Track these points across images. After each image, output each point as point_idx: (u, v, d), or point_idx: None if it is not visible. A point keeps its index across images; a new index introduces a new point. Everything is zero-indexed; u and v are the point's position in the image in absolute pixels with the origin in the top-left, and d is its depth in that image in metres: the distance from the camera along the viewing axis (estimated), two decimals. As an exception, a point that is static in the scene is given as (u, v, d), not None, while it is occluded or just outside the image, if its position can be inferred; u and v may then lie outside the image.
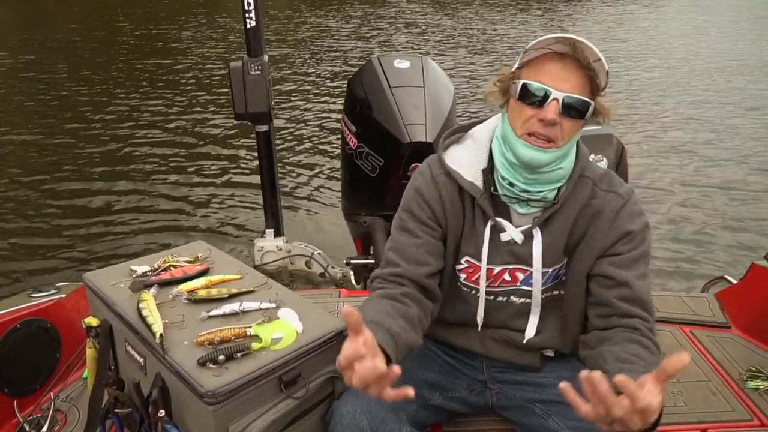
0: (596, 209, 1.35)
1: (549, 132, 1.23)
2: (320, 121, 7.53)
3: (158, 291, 1.47)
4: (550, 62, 1.23)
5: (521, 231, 1.35)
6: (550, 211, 1.33)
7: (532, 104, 1.24)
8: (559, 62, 1.22)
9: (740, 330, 2.19)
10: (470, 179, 1.36)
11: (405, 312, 1.28)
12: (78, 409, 1.77)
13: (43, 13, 17.69)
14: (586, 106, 1.24)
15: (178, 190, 5.49)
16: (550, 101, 1.21)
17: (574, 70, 1.22)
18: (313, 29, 14.65)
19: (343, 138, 2.82)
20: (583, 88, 1.23)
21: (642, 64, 11.07)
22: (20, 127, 7.29)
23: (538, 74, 1.23)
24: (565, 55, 1.21)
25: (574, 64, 1.21)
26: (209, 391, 1.14)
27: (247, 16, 3.25)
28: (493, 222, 1.36)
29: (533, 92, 1.23)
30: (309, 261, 3.86)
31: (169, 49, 12.10)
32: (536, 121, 1.23)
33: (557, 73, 1.22)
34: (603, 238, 1.34)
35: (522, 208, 1.35)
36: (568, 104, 1.22)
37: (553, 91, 1.21)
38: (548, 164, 1.26)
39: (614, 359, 1.20)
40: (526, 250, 1.36)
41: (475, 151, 1.39)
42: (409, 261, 1.36)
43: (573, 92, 1.22)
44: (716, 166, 6.13)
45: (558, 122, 1.22)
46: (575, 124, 1.25)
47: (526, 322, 1.45)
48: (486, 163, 1.37)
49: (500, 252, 1.38)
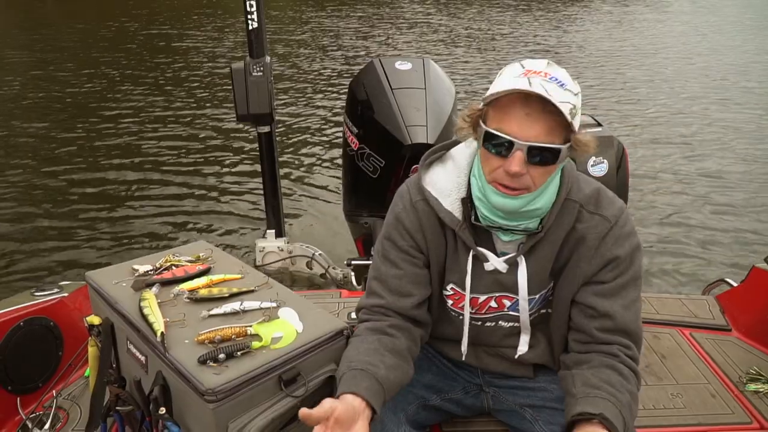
0: (581, 234, 1.28)
1: (516, 183, 1.15)
2: (322, 123, 7.54)
3: (160, 290, 1.48)
4: (514, 106, 1.13)
5: (505, 260, 1.30)
6: (535, 239, 1.28)
7: (496, 154, 1.15)
8: (524, 106, 1.12)
9: (740, 333, 2.19)
10: (449, 208, 1.30)
11: (393, 346, 1.27)
12: (80, 406, 1.78)
13: (45, 14, 17.74)
14: (555, 153, 1.14)
15: (180, 191, 5.51)
16: (513, 152, 1.12)
17: (540, 116, 1.11)
18: (315, 30, 14.67)
19: (345, 139, 2.83)
20: (552, 131, 1.13)
21: (642, 64, 11.06)
22: (25, 126, 7.31)
23: (501, 120, 1.14)
24: (530, 97, 1.10)
25: (540, 108, 1.11)
26: (209, 389, 1.14)
27: (250, 18, 3.26)
28: (474, 252, 1.31)
29: (497, 142, 1.14)
30: (310, 262, 3.87)
31: (170, 50, 12.12)
32: (502, 172, 1.15)
33: (521, 120, 1.12)
34: (587, 266, 1.29)
35: (506, 236, 1.29)
36: (535, 153, 1.12)
37: (516, 141, 1.12)
38: (523, 207, 1.20)
39: (582, 383, 1.21)
40: (512, 279, 1.32)
41: (454, 177, 1.32)
42: (393, 293, 1.34)
43: (539, 139, 1.12)
44: (718, 168, 6.13)
45: (525, 173, 1.14)
46: (547, 170, 1.16)
47: (517, 340, 1.43)
48: (465, 192, 1.30)
49: (484, 281, 1.34)
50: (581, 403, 1.15)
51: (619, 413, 1.13)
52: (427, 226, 1.34)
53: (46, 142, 6.78)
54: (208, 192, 5.50)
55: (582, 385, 1.20)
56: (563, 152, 1.15)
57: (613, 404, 1.14)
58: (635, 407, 1.21)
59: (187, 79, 9.70)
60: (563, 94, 1.11)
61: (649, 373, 1.96)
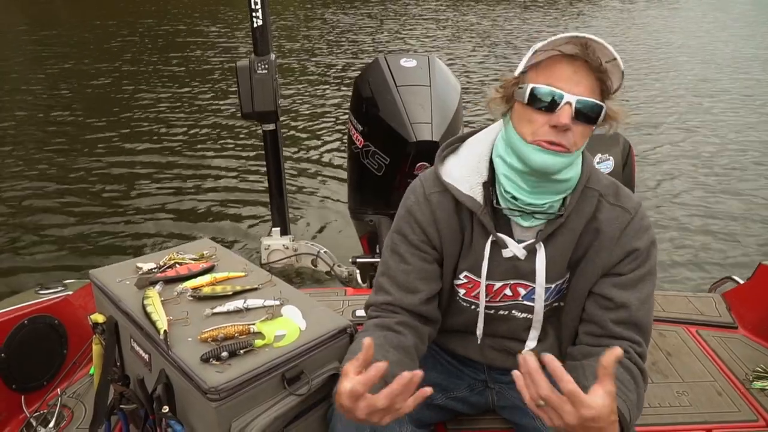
0: (602, 225, 1.28)
1: (562, 139, 1.15)
2: (327, 120, 7.55)
3: (163, 288, 1.48)
4: (559, 64, 1.15)
5: (524, 246, 1.29)
6: (555, 225, 1.27)
7: (542, 109, 1.15)
8: (570, 65, 1.14)
9: (747, 330, 2.18)
10: (468, 193, 1.29)
11: (398, 342, 1.26)
12: (84, 404, 1.78)
13: (54, 12, 17.80)
14: (599, 110, 1.16)
15: (184, 189, 5.52)
16: (562, 105, 1.13)
17: (587, 73, 1.14)
18: (321, 27, 14.68)
19: (350, 137, 2.82)
20: (594, 91, 1.16)
21: (649, 62, 11.02)
22: (30, 122, 7.34)
23: (547, 77, 1.15)
24: (575, 57, 1.14)
25: (586, 67, 1.14)
26: (212, 388, 1.14)
27: (254, 15, 3.25)
28: (494, 238, 1.30)
29: (544, 96, 1.15)
30: (315, 259, 3.86)
31: (176, 47, 12.14)
32: (548, 128, 1.15)
33: (569, 76, 1.14)
34: (607, 257, 1.29)
35: (526, 221, 1.28)
36: (581, 108, 1.14)
37: (566, 94, 1.13)
38: (560, 170, 1.19)
39: (593, 375, 1.17)
40: (529, 266, 1.31)
41: (474, 163, 1.32)
42: (400, 288, 1.33)
43: (585, 95, 1.14)
44: (724, 166, 6.11)
45: (571, 128, 1.15)
46: (586, 130, 1.18)
47: (527, 334, 1.42)
48: (486, 176, 1.30)
49: (501, 267, 1.33)
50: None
51: (627, 410, 1.12)
52: (440, 217, 1.33)
53: (52, 139, 6.81)
54: (213, 190, 5.51)
55: (593, 377, 1.19)
56: (603, 112, 1.17)
57: (623, 401, 1.13)
58: (640, 406, 1.20)
59: (191, 76, 9.72)
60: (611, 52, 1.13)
61: (655, 371, 1.95)
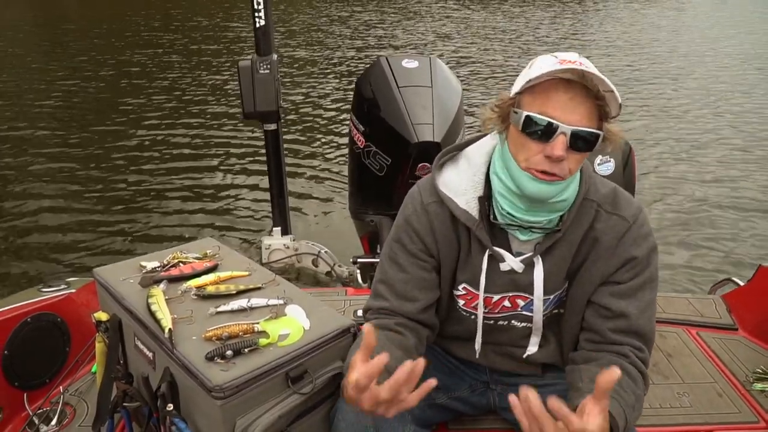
0: (599, 234, 1.27)
1: (555, 168, 1.13)
2: (328, 120, 7.56)
3: (167, 286, 1.48)
4: (555, 91, 1.11)
5: (521, 260, 1.29)
6: (553, 239, 1.26)
7: (536, 138, 1.13)
8: (566, 91, 1.10)
9: (747, 332, 2.18)
10: (464, 208, 1.29)
11: (400, 342, 1.27)
12: (87, 402, 1.78)
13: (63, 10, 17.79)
14: (596, 138, 1.13)
15: (187, 188, 5.52)
16: (557, 136, 1.10)
17: (583, 99, 1.11)
18: (323, 27, 14.67)
19: (351, 137, 2.83)
20: (591, 117, 1.12)
21: (651, 59, 11.03)
22: (34, 126, 7.34)
23: (543, 104, 1.12)
24: (572, 83, 1.10)
25: (583, 93, 1.10)
26: (217, 386, 1.15)
27: (257, 16, 3.27)
28: (491, 252, 1.29)
29: (538, 125, 1.11)
30: (316, 259, 3.87)
31: (178, 47, 12.14)
32: (542, 158, 1.13)
33: (564, 103, 1.10)
34: (604, 266, 1.28)
35: (524, 236, 1.27)
36: (577, 138, 1.11)
37: (561, 124, 1.10)
38: (555, 195, 1.18)
39: (589, 379, 1.19)
40: (527, 279, 1.31)
41: (470, 176, 1.31)
42: (398, 297, 1.33)
43: (582, 124, 1.11)
44: (725, 167, 6.11)
45: (566, 157, 1.12)
46: (582, 157, 1.16)
47: (527, 340, 1.43)
48: (482, 190, 1.28)
49: (499, 281, 1.33)
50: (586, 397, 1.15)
51: (622, 411, 1.12)
52: (438, 228, 1.32)
53: (56, 139, 6.82)
54: (215, 189, 5.52)
55: (589, 381, 1.19)
56: (600, 139, 1.14)
57: (617, 402, 1.13)
58: (639, 409, 1.20)
59: (195, 75, 9.73)
60: (608, 84, 1.09)
61: (656, 372, 1.95)
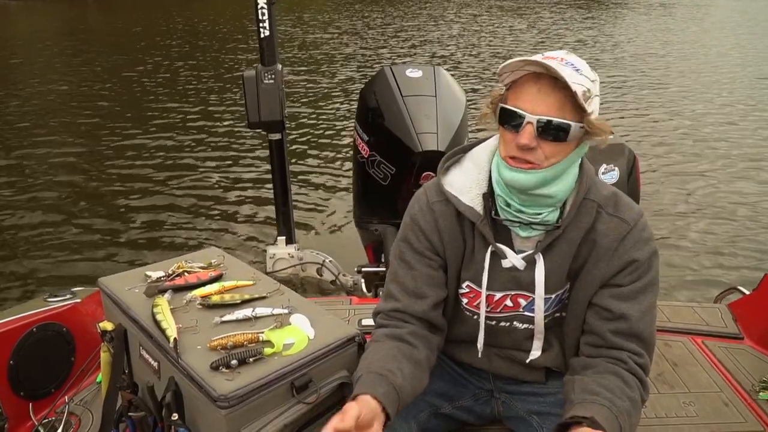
0: (599, 235, 1.30)
1: (527, 156, 1.20)
2: (332, 130, 7.58)
3: (172, 296, 1.49)
4: (527, 84, 1.20)
5: (523, 257, 1.32)
6: (553, 236, 1.29)
7: (510, 129, 1.21)
8: (535, 84, 1.18)
9: (753, 341, 2.17)
10: (469, 204, 1.33)
11: (411, 354, 1.28)
12: (92, 412, 1.78)
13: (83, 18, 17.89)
14: (566, 128, 1.18)
15: (191, 198, 5.54)
16: (524, 125, 1.18)
17: (551, 91, 1.17)
18: (327, 38, 14.73)
19: (355, 146, 2.84)
20: (563, 107, 1.17)
21: (655, 67, 11.04)
22: (40, 130, 7.38)
23: (516, 97, 1.21)
24: (541, 76, 1.17)
25: (550, 85, 1.17)
26: (222, 395, 1.15)
27: (261, 26, 3.29)
28: (493, 248, 1.32)
29: (509, 116, 1.21)
30: (320, 268, 3.88)
31: (185, 56, 12.21)
32: (514, 146, 1.21)
33: (533, 96, 1.18)
34: (605, 267, 1.29)
35: (524, 232, 1.30)
36: (544, 127, 1.17)
37: (527, 114, 1.18)
38: (534, 186, 1.22)
39: (581, 389, 1.21)
40: (528, 276, 1.33)
41: (474, 174, 1.36)
42: (409, 294, 1.35)
43: (549, 114, 1.17)
44: (731, 176, 6.10)
45: (535, 146, 1.19)
46: (559, 147, 1.20)
47: (530, 344, 1.43)
48: (486, 187, 1.33)
49: (501, 278, 1.35)
50: (575, 408, 1.15)
51: (614, 418, 1.12)
52: (443, 226, 1.35)
53: (60, 148, 6.85)
54: (220, 198, 5.53)
55: (581, 391, 1.21)
56: (573, 129, 1.19)
57: (608, 409, 1.13)
58: (636, 414, 1.21)
59: (202, 85, 9.78)
60: (576, 77, 1.16)
61: (661, 381, 1.94)
